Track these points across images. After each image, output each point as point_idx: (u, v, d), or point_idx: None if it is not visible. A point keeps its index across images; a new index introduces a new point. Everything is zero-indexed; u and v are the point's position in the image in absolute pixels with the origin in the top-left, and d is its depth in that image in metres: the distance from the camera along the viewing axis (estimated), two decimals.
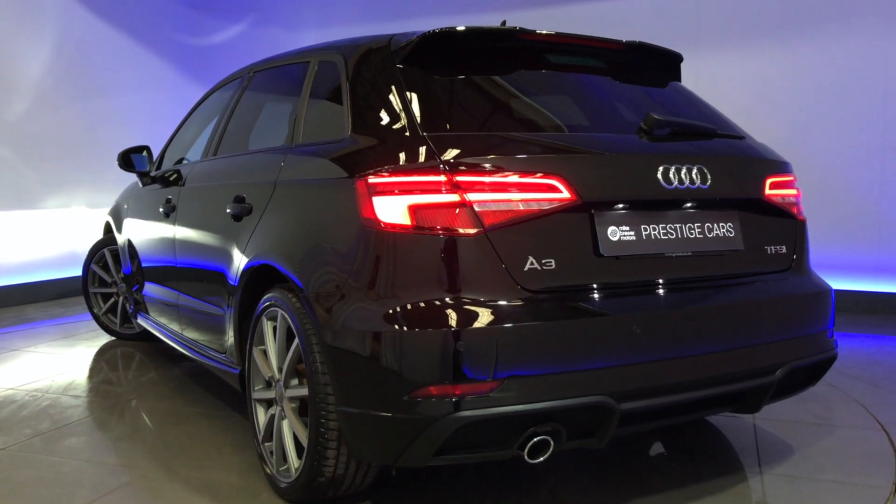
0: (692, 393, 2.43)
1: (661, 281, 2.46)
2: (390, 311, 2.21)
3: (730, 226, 2.64)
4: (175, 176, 4.08)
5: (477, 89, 2.63)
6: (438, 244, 2.21)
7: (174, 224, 3.90)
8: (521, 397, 2.15)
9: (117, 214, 5.14)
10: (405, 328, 2.16)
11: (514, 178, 2.27)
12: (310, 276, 2.49)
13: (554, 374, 2.19)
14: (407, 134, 2.38)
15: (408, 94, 2.49)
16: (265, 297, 2.77)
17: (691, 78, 7.29)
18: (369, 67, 2.70)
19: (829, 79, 6.73)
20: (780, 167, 2.87)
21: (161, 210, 4.08)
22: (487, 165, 2.26)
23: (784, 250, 2.80)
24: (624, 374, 2.29)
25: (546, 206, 2.29)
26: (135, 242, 4.69)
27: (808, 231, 2.99)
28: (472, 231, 2.21)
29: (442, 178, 2.23)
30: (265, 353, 2.82)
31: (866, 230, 6.69)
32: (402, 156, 2.33)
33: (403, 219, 2.24)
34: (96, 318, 5.42)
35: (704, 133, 2.76)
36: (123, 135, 7.35)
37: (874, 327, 6.07)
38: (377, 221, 2.27)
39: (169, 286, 4.06)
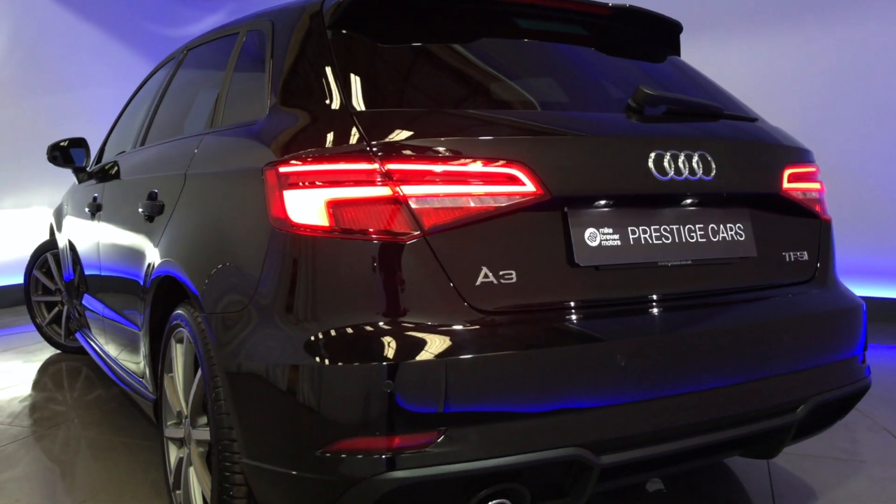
0: (692, 439, 1.92)
1: (652, 297, 1.96)
2: (300, 340, 1.72)
3: (740, 227, 2.13)
4: (103, 171, 3.59)
5: (425, 57, 2.13)
6: (362, 252, 1.72)
7: (98, 226, 3.41)
8: (472, 451, 1.66)
9: (59, 214, 4.66)
10: (314, 363, 1.68)
11: (464, 167, 1.77)
12: (211, 292, 2.00)
13: (514, 421, 1.70)
14: (331, 112, 1.89)
15: (336, 63, 1.99)
16: (173, 314, 2.27)
17: (694, 66, 6.79)
18: (296, 34, 2.20)
19: (846, 66, 6.29)
20: (801, 156, 2.36)
21: (87, 210, 3.60)
22: (430, 150, 1.77)
23: (805, 257, 2.29)
24: (604, 419, 1.79)
25: (505, 203, 1.79)
26: (74, 246, 4.20)
27: (834, 233, 2.48)
28: (407, 234, 1.71)
29: (370, 165, 1.74)
30: (175, 381, 2.33)
31: (888, 231, 6.16)
32: (322, 139, 1.84)
33: (320, 218, 1.74)
34: (39, 329, 4.94)
35: (708, 113, 2.25)
36: (90, 130, 6.84)
37: None
38: (288, 222, 1.78)
39: (97, 297, 3.57)
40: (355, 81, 1.96)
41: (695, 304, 2.03)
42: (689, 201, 2.06)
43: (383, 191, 1.73)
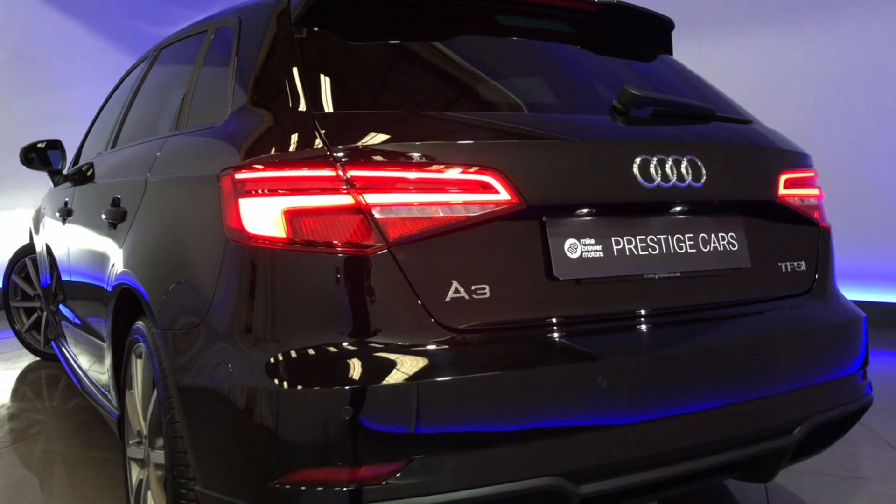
0: (680, 465, 1.79)
1: (638, 312, 1.84)
2: (255, 361, 1.60)
3: (732, 236, 2.00)
4: (75, 174, 3.47)
5: (396, 56, 2.00)
6: (321, 265, 1.59)
7: (68, 231, 3.29)
8: (441, 483, 1.54)
9: (37, 218, 4.54)
10: (269, 386, 1.55)
11: (433, 174, 1.64)
12: (165, 307, 1.88)
13: (487, 449, 1.58)
14: (292, 114, 1.76)
15: (301, 61, 1.86)
16: (133, 327, 2.14)
17: (693, 66, 6.68)
18: (261, 31, 2.07)
19: (847, 68, 6.18)
20: (798, 160, 2.22)
21: (58, 214, 3.48)
22: (396, 156, 1.64)
23: (803, 267, 2.16)
24: (585, 446, 1.66)
25: (477, 212, 1.66)
26: (51, 250, 4.08)
27: (833, 241, 2.35)
28: (371, 246, 1.58)
29: (330, 172, 1.61)
30: (135, 398, 2.20)
31: (890, 233, 6.01)
32: (282, 143, 1.71)
33: (276, 229, 1.61)
34: (18, 335, 4.82)
35: (699, 115, 2.11)
36: (77, 132, 6.74)
37: None
38: (244, 233, 1.65)
39: (68, 305, 3.45)
40: (320, 81, 1.83)
41: (683, 320, 1.90)
42: (677, 209, 1.93)
43: (345, 199, 1.60)
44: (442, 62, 2.03)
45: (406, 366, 1.55)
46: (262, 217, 1.63)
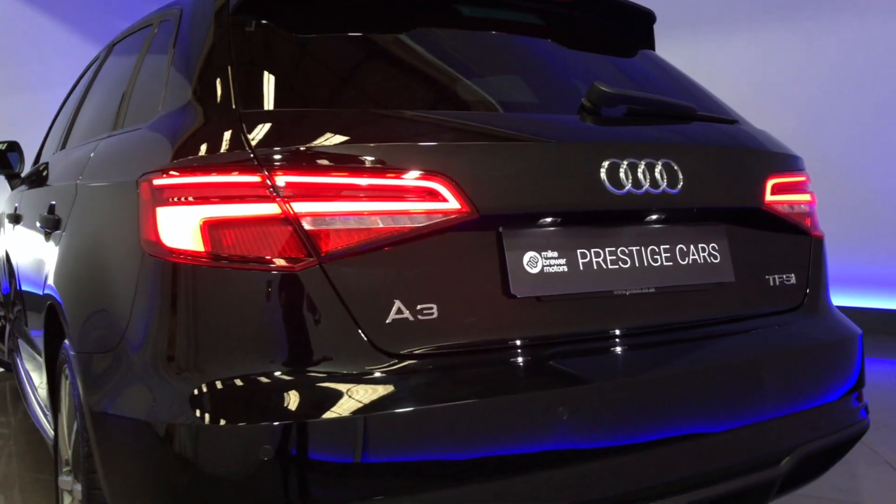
0: None
1: (607, 333, 1.66)
2: (169, 392, 1.43)
3: (714, 247, 1.82)
4: (28, 178, 3.29)
5: (342, 49, 1.81)
6: (243, 283, 1.42)
7: (16, 238, 3.11)
8: None
9: None
10: (186, 420, 1.37)
11: (372, 180, 1.46)
12: (82, 327, 1.70)
13: (433, 492, 1.40)
14: (219, 113, 1.58)
15: (235, 55, 1.68)
16: (63, 345, 1.96)
17: (687, 65, 6.52)
18: (199, 22, 1.88)
19: (847, 65, 6.02)
20: (788, 163, 2.04)
21: (7, 221, 3.30)
22: (330, 159, 1.46)
23: (793, 280, 1.98)
24: (545, 486, 1.48)
25: (423, 223, 1.48)
26: (9, 257, 3.89)
27: (827, 251, 2.16)
28: (299, 262, 1.41)
29: (254, 177, 1.43)
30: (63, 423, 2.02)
31: (890, 236, 5.82)
32: (206, 145, 1.52)
33: (194, 242, 1.43)
34: None
35: (678, 114, 1.93)
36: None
37: None
38: (160, 246, 1.47)
39: (21, 315, 3.26)
40: (254, 77, 1.65)
41: (658, 341, 1.72)
42: (651, 218, 1.75)
43: (270, 208, 1.42)
44: (391, 57, 1.84)
45: (339, 399, 1.38)
46: (180, 228, 1.45)
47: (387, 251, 1.46)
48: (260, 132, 1.49)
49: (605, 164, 1.64)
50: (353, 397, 1.38)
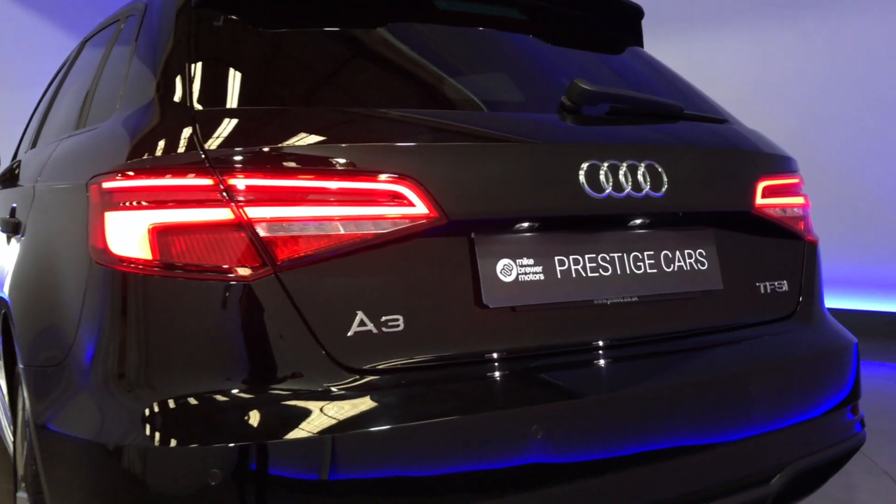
0: None
1: (586, 345, 1.57)
2: (116, 410, 1.35)
3: (701, 253, 1.73)
4: (6, 175, 3.19)
5: (309, 45, 1.72)
6: (194, 295, 1.34)
7: None
8: None
9: None
10: (134, 441, 1.28)
11: (333, 183, 1.37)
12: (30, 339, 1.61)
13: None
14: (174, 111, 1.48)
15: (196, 50, 1.59)
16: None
17: (683, 64, 6.44)
18: (162, 17, 1.79)
19: (846, 63, 5.95)
20: (780, 165, 1.95)
21: None
22: (288, 161, 1.37)
23: (785, 288, 1.89)
24: None
25: (388, 229, 1.39)
26: None
27: (821, 256, 2.07)
28: (253, 271, 1.32)
29: (205, 180, 1.34)
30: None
31: (891, 239, 5.72)
32: (158, 146, 1.43)
33: (141, 249, 1.34)
34: None
35: (664, 113, 1.84)
36: None
37: None
38: (108, 253, 1.37)
39: None
40: (213, 74, 1.56)
41: (642, 353, 1.63)
42: (634, 223, 1.66)
43: (222, 213, 1.33)
44: (358, 53, 1.75)
45: (295, 419, 1.29)
46: (128, 235, 1.36)
47: (349, 259, 1.37)
48: (214, 132, 1.39)
49: (584, 165, 1.55)
50: (311, 417, 1.29)
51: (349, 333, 1.35)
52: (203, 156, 1.34)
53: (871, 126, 5.88)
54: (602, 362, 1.57)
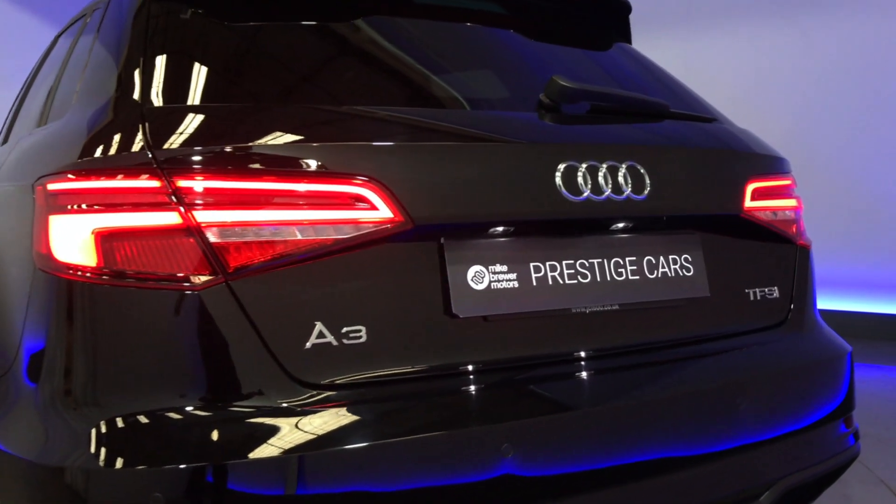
0: None
1: (563, 357, 1.49)
2: (60, 428, 1.27)
3: (687, 259, 1.64)
4: None
5: (270, 39, 1.64)
6: (140, 306, 1.26)
7: None
8: None
9: None
10: (76, 462, 1.21)
11: (290, 185, 1.29)
12: None
13: None
14: (125, 108, 1.40)
15: (151, 44, 1.50)
16: None
17: (679, 62, 6.37)
18: (122, 10, 1.70)
19: (843, 61, 5.85)
20: (771, 165, 1.86)
21: None
22: (241, 161, 1.28)
23: (776, 294, 1.81)
24: None
25: (349, 234, 1.31)
26: None
27: (818, 258, 1.99)
28: (203, 279, 1.23)
29: (153, 182, 1.25)
30: None
31: (892, 240, 5.66)
32: (107, 145, 1.35)
33: (86, 256, 1.26)
34: None
35: (648, 112, 1.75)
36: None
37: None
38: (52, 260, 1.29)
39: None
40: (169, 70, 1.48)
41: (623, 364, 1.54)
42: (617, 227, 1.57)
43: (169, 217, 1.24)
44: (322, 48, 1.66)
45: (247, 439, 1.21)
46: (73, 240, 1.27)
47: (307, 267, 1.28)
48: (165, 131, 1.31)
49: (561, 167, 1.46)
50: (263, 437, 1.21)
51: (307, 346, 1.27)
52: (151, 156, 1.26)
53: (869, 126, 5.81)
54: (581, 375, 1.49)
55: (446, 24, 1.81)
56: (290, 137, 1.33)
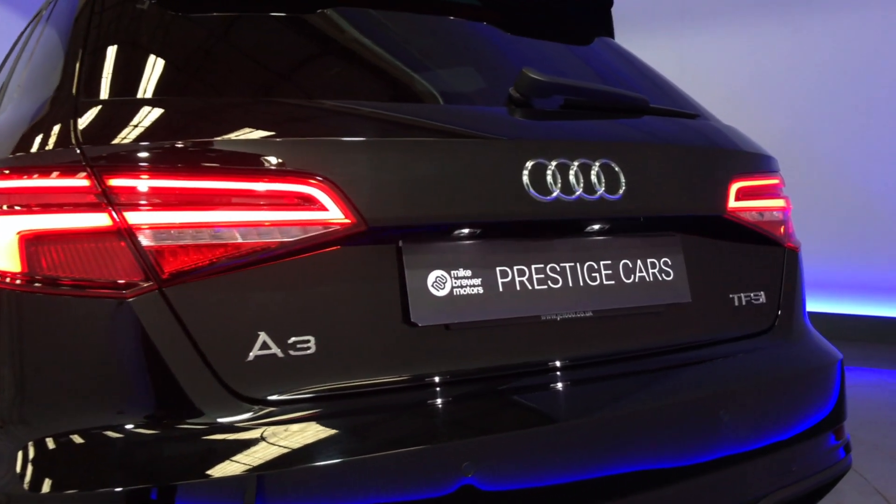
0: None
1: (532, 368, 1.39)
2: None
3: (666, 262, 1.55)
4: None
5: (217, 28, 1.53)
6: (68, 314, 1.16)
7: None
8: None
9: None
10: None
11: (231, 184, 1.20)
12: None
13: None
14: (57, 101, 1.31)
15: (94, 33, 1.41)
16: None
17: (674, 59, 6.30)
18: None
19: (840, 60, 5.78)
20: (757, 164, 1.77)
21: None
22: (177, 159, 1.19)
23: (762, 299, 1.71)
24: None
25: (297, 236, 1.22)
26: None
27: (813, 260, 1.89)
28: (134, 286, 1.14)
29: (81, 181, 1.16)
30: None
31: (887, 241, 5.60)
32: (33, 141, 1.25)
33: (10, 261, 1.17)
34: None
35: (625, 107, 1.66)
36: None
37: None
38: None
39: None
40: (109, 61, 1.38)
41: (597, 376, 1.45)
42: (594, 229, 1.48)
43: (98, 219, 1.15)
44: (270, 38, 1.55)
45: (180, 460, 1.12)
46: None
47: (250, 273, 1.19)
48: (97, 126, 1.22)
49: (529, 164, 1.37)
50: (199, 458, 1.11)
51: (249, 358, 1.17)
52: (80, 153, 1.17)
53: (866, 125, 5.72)
54: (551, 387, 1.39)
55: (412, 15, 1.71)
56: (232, 133, 1.24)
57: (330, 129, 1.31)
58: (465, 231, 1.35)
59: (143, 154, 1.18)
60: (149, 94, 1.32)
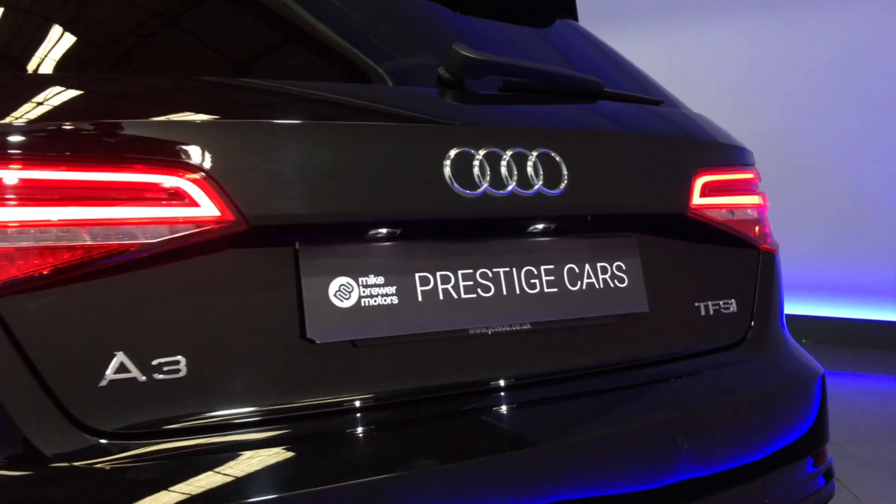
0: None
1: (459, 389, 1.20)
2: None
3: (619, 267, 1.36)
4: None
5: None
6: None
7: None
8: None
9: None
10: None
11: (79, 174, 1.00)
12: None
13: None
14: None
15: None
16: None
17: (662, 54, 6.13)
18: None
19: (833, 55, 5.66)
20: (726, 155, 1.58)
21: None
22: (14, 144, 0.99)
23: (732, 308, 1.53)
24: None
25: (162, 237, 1.02)
26: None
27: (782, 268, 1.70)
28: None
29: None
30: None
31: (880, 242, 5.47)
32: None
33: None
34: None
35: (575, 90, 1.46)
36: None
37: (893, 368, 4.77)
38: None
39: None
40: None
41: (536, 398, 1.26)
42: (536, 229, 1.29)
43: None
44: (145, 4, 1.35)
45: None
46: None
47: (105, 281, 0.99)
48: None
49: (452, 153, 1.17)
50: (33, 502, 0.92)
51: (101, 383, 0.98)
52: None
53: (862, 121, 5.59)
54: (480, 413, 1.20)
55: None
56: (79, 112, 1.04)
57: (208, 108, 1.11)
58: (377, 231, 1.16)
59: None
60: (14, 70, 1.12)
